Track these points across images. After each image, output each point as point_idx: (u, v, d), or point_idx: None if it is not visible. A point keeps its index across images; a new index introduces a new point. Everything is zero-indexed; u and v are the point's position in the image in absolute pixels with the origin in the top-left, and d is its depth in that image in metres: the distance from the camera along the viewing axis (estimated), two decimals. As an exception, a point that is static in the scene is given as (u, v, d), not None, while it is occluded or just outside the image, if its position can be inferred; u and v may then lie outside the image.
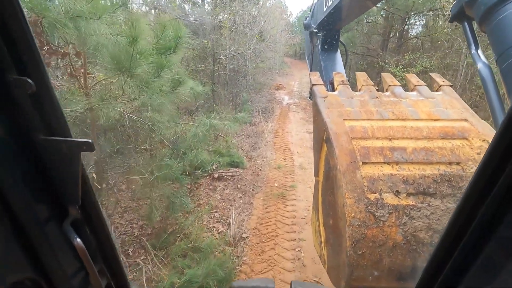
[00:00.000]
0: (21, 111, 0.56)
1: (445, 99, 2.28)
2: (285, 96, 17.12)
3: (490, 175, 0.53)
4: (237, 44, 10.99)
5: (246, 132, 9.77)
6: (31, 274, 0.64)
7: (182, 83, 3.19)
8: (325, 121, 2.11)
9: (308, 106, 14.08)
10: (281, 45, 21.62)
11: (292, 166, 7.21)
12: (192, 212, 5.10)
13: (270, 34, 16.03)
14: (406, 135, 1.97)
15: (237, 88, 11.43)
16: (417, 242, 1.65)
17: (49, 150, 0.62)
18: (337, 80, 2.71)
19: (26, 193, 0.59)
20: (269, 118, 11.96)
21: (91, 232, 0.76)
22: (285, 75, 23.24)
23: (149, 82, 2.62)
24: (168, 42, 2.82)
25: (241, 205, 5.41)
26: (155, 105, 2.98)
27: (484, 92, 1.88)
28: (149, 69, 2.65)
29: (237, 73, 11.36)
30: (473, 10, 1.84)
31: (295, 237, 4.50)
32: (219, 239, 4.41)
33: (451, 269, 0.65)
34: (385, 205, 1.70)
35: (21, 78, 0.53)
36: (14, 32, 0.51)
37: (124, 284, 0.90)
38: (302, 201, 5.58)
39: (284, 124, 11.40)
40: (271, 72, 21.21)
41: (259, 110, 12.48)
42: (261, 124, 10.74)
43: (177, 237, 4.30)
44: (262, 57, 16.12)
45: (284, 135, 9.84)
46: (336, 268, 1.92)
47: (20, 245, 0.61)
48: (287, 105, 15.15)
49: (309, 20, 4.83)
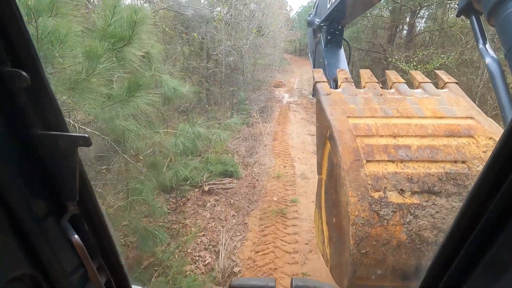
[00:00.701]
0: (16, 105, 0.54)
1: (450, 97, 2.24)
2: (285, 94, 16.26)
3: (498, 173, 0.52)
4: (233, 39, 9.97)
5: (243, 134, 8.87)
6: (30, 271, 0.63)
7: (147, 86, 2.23)
8: (329, 119, 2.09)
9: (309, 105, 13.24)
10: (280, 41, 21.08)
11: (293, 175, 6.33)
12: (175, 235, 4.16)
13: (269, 30, 15.37)
14: (410, 133, 1.95)
15: (234, 86, 10.42)
16: (422, 241, 1.61)
17: (45, 145, 0.60)
18: (341, 77, 2.67)
19: (23, 189, 0.58)
20: (268, 118, 11.06)
21: (89, 228, 0.74)
22: (285, 72, 22.41)
23: (78, 82, 1.67)
24: (120, 30, 1.86)
25: (234, 226, 4.53)
26: (106, 116, 2.03)
27: (492, 88, 1.81)
28: (78, 65, 1.70)
29: (234, 70, 10.35)
30: (482, 3, 1.79)
31: (297, 271, 3.58)
32: (205, 273, 3.48)
33: (456, 268, 0.64)
34: (389, 203, 1.68)
35: (16, 70, 0.51)
36: (8, 24, 0.49)
37: (124, 281, 0.89)
38: (305, 220, 4.69)
39: (284, 125, 10.50)
40: (271, 69, 20.73)
41: (257, 110, 11.58)
42: (259, 125, 9.79)
43: (155, 270, 3.38)
44: (261, 53, 15.61)
45: (284, 138, 8.95)
46: (339, 267, 1.89)
47: (17, 241, 0.59)
48: (287, 103, 14.27)
49: (313, 16, 4.72)
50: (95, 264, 0.75)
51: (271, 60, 20.13)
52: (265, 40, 15.90)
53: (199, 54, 10.12)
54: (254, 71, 16.12)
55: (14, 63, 0.52)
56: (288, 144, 8.76)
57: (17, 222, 0.58)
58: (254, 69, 16.32)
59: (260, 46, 14.71)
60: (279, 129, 10.26)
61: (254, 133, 9.39)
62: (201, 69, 9.43)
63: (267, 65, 19.60)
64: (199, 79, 9.44)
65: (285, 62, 25.79)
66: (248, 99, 11.91)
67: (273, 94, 16.09)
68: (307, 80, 20.21)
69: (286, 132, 9.89)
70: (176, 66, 8.08)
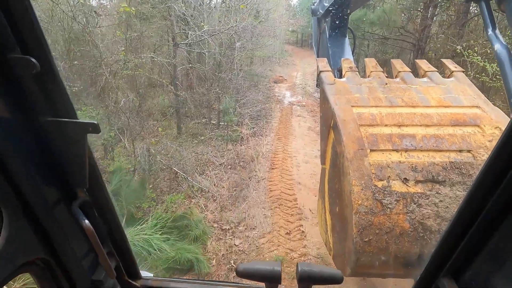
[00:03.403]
0: (26, 92, 0.55)
1: (457, 86, 2.21)
2: (286, 91, 13.58)
3: (503, 163, 0.52)
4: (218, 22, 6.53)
5: (227, 160, 5.83)
6: (42, 255, 0.66)
7: None
8: (333, 108, 2.07)
9: (316, 107, 10.80)
10: (281, 31, 19.08)
11: (306, 256, 3.09)
12: None
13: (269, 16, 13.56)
14: (415, 122, 1.93)
15: (222, 86, 7.01)
16: (425, 229, 1.63)
17: (55, 132, 0.60)
18: (345, 66, 2.60)
19: (34, 176, 0.59)
20: (264, 129, 7.90)
21: (99, 214, 0.77)
22: (286, 65, 19.62)
23: None
24: None
25: None
26: None
27: (501, 74, 1.85)
28: None
29: (218, 67, 6.90)
30: None
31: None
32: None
33: (458, 256, 0.66)
34: (393, 192, 1.69)
35: (25, 57, 0.51)
36: (17, 12, 0.50)
37: (132, 266, 0.93)
38: None
39: (285, 139, 7.48)
40: (270, 61, 18.45)
41: (252, 115, 8.52)
42: (252, 141, 6.50)
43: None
44: (259, 44, 12.94)
45: (286, 165, 6.00)
46: (342, 255, 1.88)
47: (30, 226, 0.62)
48: (289, 105, 11.41)
49: (317, 5, 4.50)
50: (105, 249, 0.76)
51: (270, 52, 17.98)
52: (264, 27, 13.53)
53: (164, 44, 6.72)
54: (251, 65, 14.19)
55: (24, 50, 0.52)
56: (292, 177, 6.04)
57: (30, 208, 0.60)
58: (251, 61, 14.43)
59: (257, 35, 12.07)
60: (279, 148, 7.07)
61: (244, 157, 6.16)
62: (167, 66, 6.02)
63: (266, 57, 17.53)
64: (165, 82, 6.03)
65: (286, 53, 22.72)
66: (240, 102, 8.58)
67: (272, 92, 13.06)
68: (310, 74, 17.13)
69: (288, 153, 6.77)
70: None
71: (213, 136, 7.42)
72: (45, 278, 0.68)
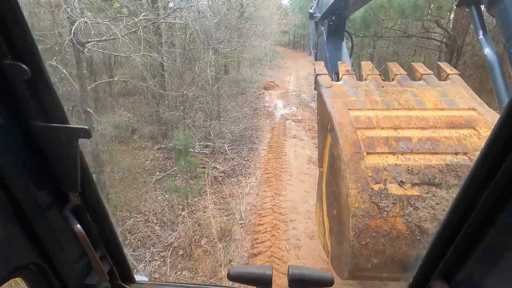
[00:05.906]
0: (17, 98, 0.54)
1: (452, 89, 2.19)
2: (278, 100, 11.63)
3: (492, 163, 0.51)
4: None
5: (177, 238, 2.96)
6: (35, 259, 0.64)
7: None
8: (330, 111, 2.04)
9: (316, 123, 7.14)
10: (272, 30, 16.45)
11: None
12: None
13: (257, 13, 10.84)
14: (411, 125, 1.92)
15: (182, 111, 4.37)
16: (422, 232, 1.62)
17: (47, 137, 0.58)
18: (342, 69, 2.53)
19: (26, 180, 0.58)
20: (246, 164, 5.22)
21: (91, 218, 0.75)
22: (277, 68, 17.55)
23: None
24: None
25: None
26: None
27: (491, 78, 1.90)
28: None
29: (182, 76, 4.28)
30: None
31: None
32: None
33: (450, 258, 0.64)
34: (390, 195, 1.66)
35: (16, 63, 0.50)
36: (8, 18, 0.49)
37: (126, 270, 0.89)
38: None
39: (277, 181, 5.21)
40: (261, 64, 16.40)
41: (233, 139, 5.79)
42: (228, 186, 3.88)
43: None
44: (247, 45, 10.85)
45: (279, 243, 3.22)
46: (340, 257, 1.85)
47: (22, 231, 0.60)
48: (282, 119, 8.99)
49: (314, 9, 4.41)
50: (98, 253, 0.75)
51: (260, 54, 15.60)
52: (251, 25, 10.76)
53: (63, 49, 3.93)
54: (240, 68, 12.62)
55: (15, 56, 0.50)
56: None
57: (22, 213, 0.58)
58: (239, 65, 12.88)
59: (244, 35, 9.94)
60: (266, 202, 4.76)
61: (208, 229, 3.52)
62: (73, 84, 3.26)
63: (256, 60, 15.37)
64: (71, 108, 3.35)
65: (277, 55, 20.16)
66: (213, 126, 5.90)
67: (261, 101, 10.81)
68: (304, 78, 14.99)
69: (282, 215, 4.13)
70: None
71: (157, 189, 4.71)
72: (37, 283, 0.67)
